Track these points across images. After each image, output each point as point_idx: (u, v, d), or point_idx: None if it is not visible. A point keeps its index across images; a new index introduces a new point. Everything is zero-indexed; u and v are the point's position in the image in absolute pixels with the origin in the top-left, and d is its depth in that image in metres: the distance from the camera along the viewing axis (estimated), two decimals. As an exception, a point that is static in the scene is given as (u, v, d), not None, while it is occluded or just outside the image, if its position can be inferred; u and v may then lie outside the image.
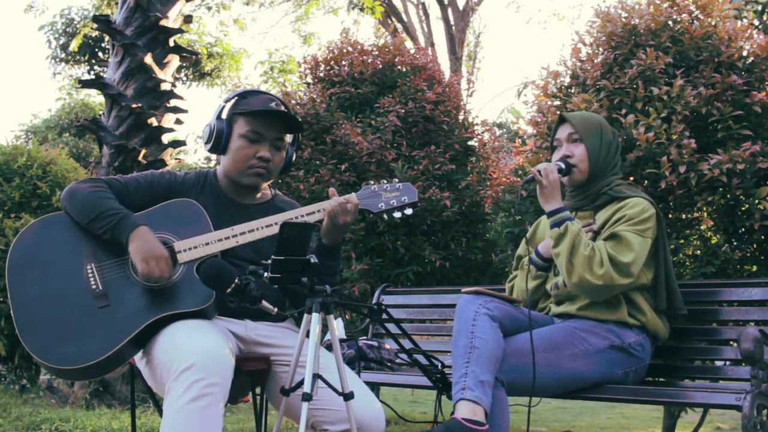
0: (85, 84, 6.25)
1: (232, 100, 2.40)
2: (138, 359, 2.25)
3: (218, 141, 2.37)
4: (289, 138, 2.45)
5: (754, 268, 3.43)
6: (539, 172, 2.56)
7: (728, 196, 3.24)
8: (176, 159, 6.49)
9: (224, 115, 2.39)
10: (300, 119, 4.56)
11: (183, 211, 2.29)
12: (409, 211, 2.36)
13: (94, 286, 2.16)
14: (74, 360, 2.07)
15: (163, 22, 5.82)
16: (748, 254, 3.43)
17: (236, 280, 1.99)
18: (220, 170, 2.46)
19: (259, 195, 2.48)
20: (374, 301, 3.65)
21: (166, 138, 5.82)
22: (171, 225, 2.25)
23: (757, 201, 3.14)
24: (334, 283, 2.42)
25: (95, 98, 13.16)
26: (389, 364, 3.13)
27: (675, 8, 3.61)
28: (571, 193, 2.74)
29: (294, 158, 2.51)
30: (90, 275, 2.17)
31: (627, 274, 2.43)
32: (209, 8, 13.73)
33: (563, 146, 2.69)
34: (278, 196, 2.53)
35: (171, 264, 2.18)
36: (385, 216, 2.37)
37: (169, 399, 1.95)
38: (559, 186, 2.57)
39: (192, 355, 1.95)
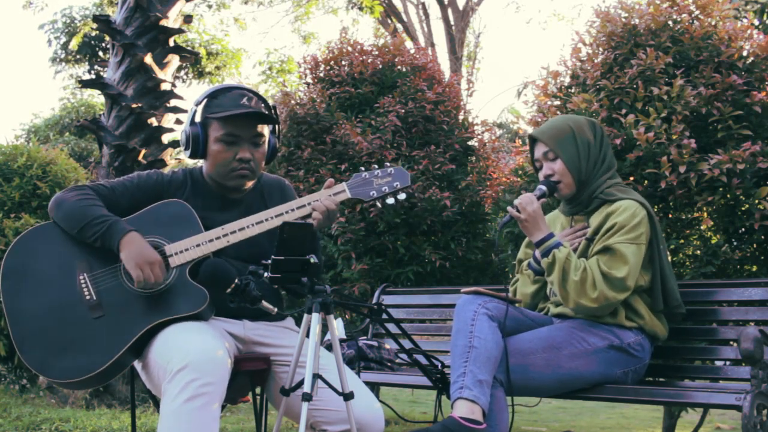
0: (85, 84, 6.25)
1: (203, 102, 2.33)
2: (135, 363, 2.25)
3: (196, 147, 2.32)
4: (267, 128, 2.38)
5: (754, 268, 3.43)
6: (516, 208, 2.52)
7: (728, 196, 3.24)
8: (176, 159, 6.49)
9: (198, 119, 2.33)
10: (300, 119, 4.59)
11: (172, 213, 2.27)
12: (402, 196, 2.32)
13: (87, 297, 2.15)
14: (74, 372, 2.07)
15: (163, 22, 5.82)
16: (748, 254, 3.43)
17: (236, 281, 1.99)
18: (204, 170, 2.42)
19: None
20: (374, 301, 3.65)
21: (166, 138, 5.82)
22: (161, 227, 2.23)
23: (757, 201, 3.14)
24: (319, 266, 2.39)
25: (98, 98, 13.16)
26: (389, 364, 3.13)
27: (675, 8, 3.62)
28: (564, 200, 2.71)
29: (277, 146, 2.44)
30: (83, 285, 2.16)
31: (622, 289, 2.41)
32: (210, 6, 13.73)
33: (543, 165, 2.65)
34: (264, 177, 2.49)
35: (165, 267, 2.16)
36: (379, 203, 2.33)
37: (165, 400, 1.95)
38: (541, 214, 2.52)
39: (186, 356, 1.95)
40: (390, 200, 2.31)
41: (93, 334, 2.10)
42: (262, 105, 2.34)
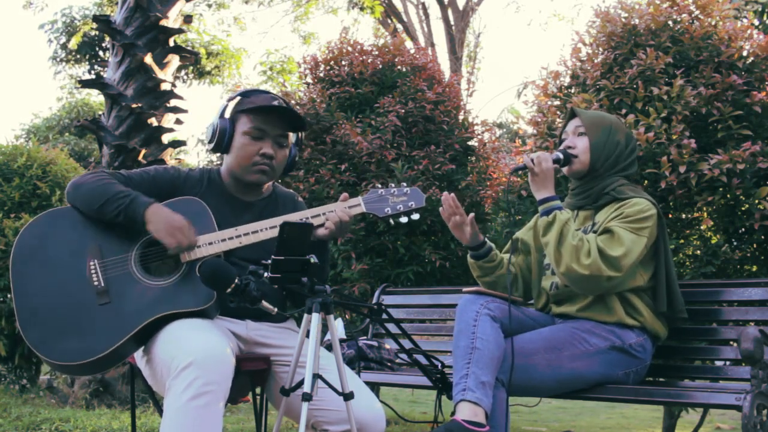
0: (85, 84, 6.25)
1: (236, 99, 2.40)
2: (138, 358, 2.26)
3: (221, 139, 2.36)
4: (292, 137, 2.44)
5: (754, 268, 3.43)
6: (532, 160, 2.55)
7: (728, 196, 3.24)
8: (176, 159, 6.49)
9: (227, 114, 2.38)
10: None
11: (188, 210, 2.27)
12: (415, 216, 2.35)
13: (96, 283, 2.16)
14: (74, 356, 2.08)
15: (163, 22, 5.81)
16: (748, 254, 3.43)
17: (236, 280, 1.99)
18: (223, 168, 2.45)
19: (262, 190, 2.47)
20: (374, 301, 3.65)
21: (166, 138, 5.81)
22: None
23: (757, 201, 3.14)
24: (326, 275, 2.42)
25: (96, 98, 13.17)
26: (389, 364, 3.13)
27: (675, 8, 3.62)
28: (573, 191, 2.73)
29: (296, 158, 2.48)
30: (92, 271, 2.17)
31: (616, 268, 2.40)
32: (209, 6, 13.75)
33: (569, 138, 2.69)
34: (278, 188, 2.53)
35: (194, 230, 2.19)
36: (391, 221, 2.36)
37: (169, 397, 1.95)
38: (552, 175, 2.55)
39: (192, 353, 1.95)
40: (403, 219, 2.35)
41: (97, 320, 2.11)
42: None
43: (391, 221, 2.36)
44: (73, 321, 2.11)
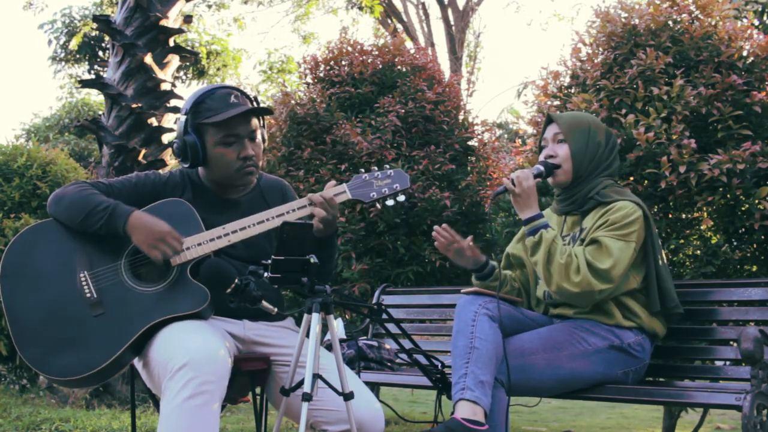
0: (85, 84, 6.26)
1: (191, 110, 2.30)
2: (136, 361, 2.25)
3: (196, 155, 2.30)
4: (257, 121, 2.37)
5: (754, 268, 3.43)
6: (512, 181, 2.52)
7: (728, 196, 3.24)
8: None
9: (190, 127, 2.30)
10: (300, 119, 4.59)
11: (173, 212, 2.26)
12: (401, 198, 2.33)
13: (88, 295, 2.15)
14: (74, 370, 2.07)
15: (163, 22, 5.82)
16: (748, 254, 3.43)
17: (236, 280, 1.99)
18: (201, 172, 2.42)
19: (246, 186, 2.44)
20: (374, 301, 3.65)
21: (166, 138, 5.82)
22: None
23: (757, 201, 3.14)
24: (332, 269, 2.40)
25: (96, 98, 13.16)
26: (389, 364, 3.13)
27: (675, 8, 3.61)
28: (558, 197, 2.72)
29: (265, 137, 2.41)
30: (83, 283, 2.16)
31: (606, 280, 2.39)
32: (209, 6, 13.75)
33: (549, 146, 2.66)
34: (263, 179, 2.49)
35: (178, 235, 2.16)
36: (378, 204, 2.34)
37: (165, 398, 1.95)
38: (534, 193, 2.52)
39: (187, 354, 1.95)
40: (389, 202, 2.33)
41: (93, 332, 2.10)
42: (248, 100, 2.35)
43: (378, 205, 2.34)
44: (69, 335, 2.10)
